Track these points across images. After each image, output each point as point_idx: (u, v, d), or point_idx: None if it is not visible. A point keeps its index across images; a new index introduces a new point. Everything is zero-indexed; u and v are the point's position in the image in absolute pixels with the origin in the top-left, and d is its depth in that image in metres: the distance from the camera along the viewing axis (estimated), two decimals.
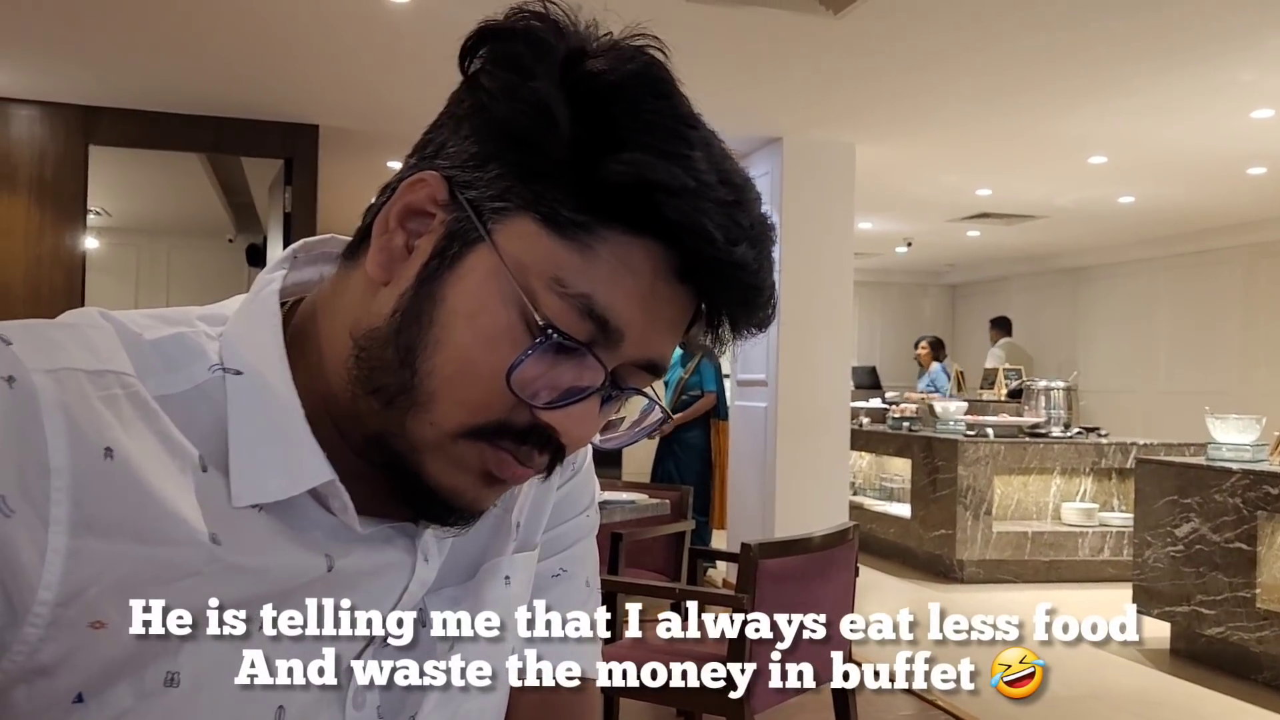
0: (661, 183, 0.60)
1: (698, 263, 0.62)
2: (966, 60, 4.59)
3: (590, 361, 0.62)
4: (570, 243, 0.61)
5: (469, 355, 0.61)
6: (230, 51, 4.64)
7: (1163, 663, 4.93)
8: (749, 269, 0.63)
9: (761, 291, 0.65)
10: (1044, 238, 9.81)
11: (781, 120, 5.68)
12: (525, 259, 0.61)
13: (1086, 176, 6.96)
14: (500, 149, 0.62)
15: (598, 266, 0.61)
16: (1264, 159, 6.31)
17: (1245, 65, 4.56)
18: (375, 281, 0.65)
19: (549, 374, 0.62)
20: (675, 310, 0.64)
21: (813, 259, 5.97)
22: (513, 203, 0.62)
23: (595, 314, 0.61)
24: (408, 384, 0.62)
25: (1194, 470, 4.92)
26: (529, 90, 0.61)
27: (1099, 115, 5.41)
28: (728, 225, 0.62)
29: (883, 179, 6.93)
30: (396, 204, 0.64)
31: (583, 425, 0.63)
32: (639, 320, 0.62)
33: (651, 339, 0.64)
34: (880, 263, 11.57)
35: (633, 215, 0.61)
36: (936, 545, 6.84)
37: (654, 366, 0.66)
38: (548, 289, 0.61)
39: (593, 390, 0.63)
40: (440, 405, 0.62)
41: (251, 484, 0.63)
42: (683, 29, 4.18)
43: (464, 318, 0.62)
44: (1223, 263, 9.29)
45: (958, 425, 7.19)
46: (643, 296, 0.62)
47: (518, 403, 0.62)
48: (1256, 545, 4.52)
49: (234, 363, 0.65)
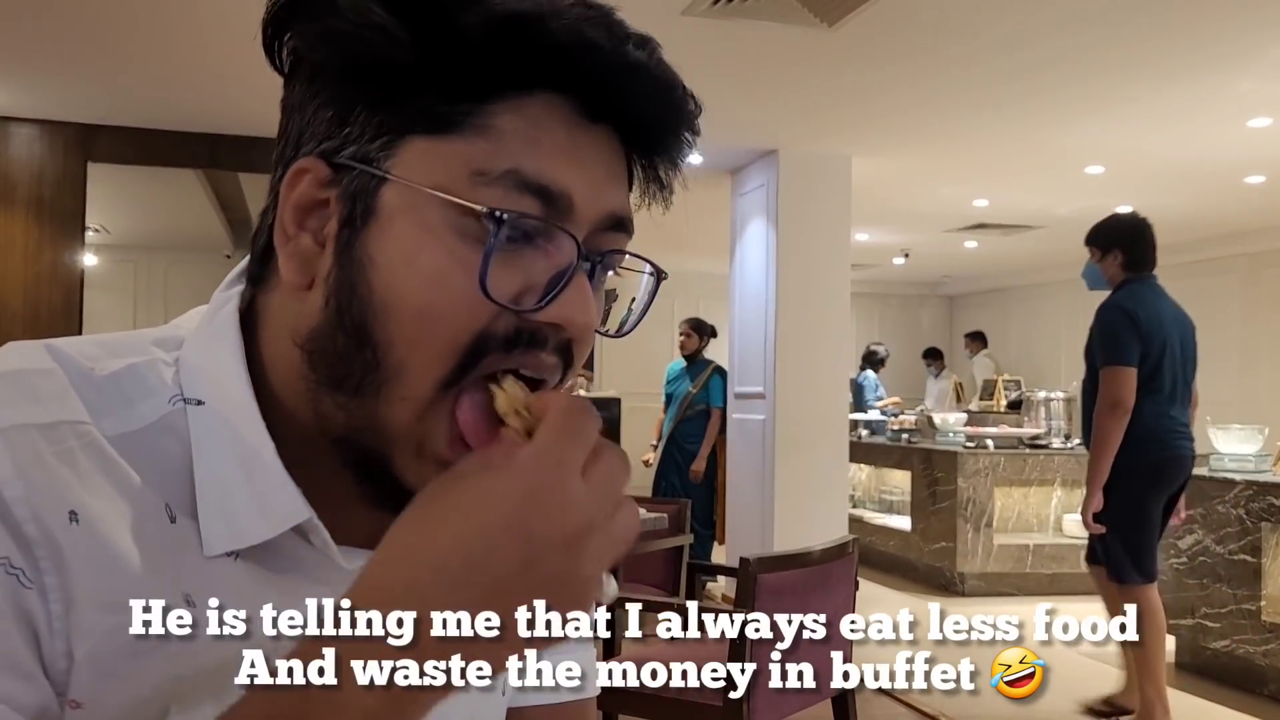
0: (518, 16, 0.56)
1: (597, 86, 0.58)
2: (962, 71, 4.59)
3: (556, 236, 0.58)
4: (468, 134, 0.57)
5: (427, 300, 0.56)
6: (227, 68, 4.64)
7: (1168, 676, 4.89)
8: (648, 66, 0.59)
9: (674, 87, 0.61)
10: (1042, 248, 9.81)
11: (777, 133, 5.68)
12: (434, 175, 0.57)
13: (1084, 186, 6.95)
14: (352, 94, 0.58)
15: (507, 140, 0.57)
16: (1262, 167, 6.31)
17: (1241, 74, 4.56)
18: (299, 287, 0.60)
19: (520, 271, 0.57)
20: (606, 155, 0.60)
21: (810, 271, 5.96)
22: (392, 133, 0.57)
23: (530, 184, 0.57)
24: (371, 363, 0.57)
25: (1197, 481, 4.88)
26: (340, 21, 0.57)
27: (1096, 125, 5.41)
28: (606, 33, 0.58)
29: (879, 190, 6.93)
30: (284, 209, 0.60)
31: (583, 309, 0.58)
32: (576, 175, 0.58)
33: (601, 191, 0.59)
34: (878, 274, 11.57)
35: (510, 70, 0.57)
36: (937, 558, 6.81)
37: (620, 222, 0.61)
38: (471, 187, 0.56)
39: (574, 266, 0.58)
40: (412, 370, 0.57)
41: (224, 529, 0.59)
42: (678, 43, 4.15)
43: (403, 266, 0.57)
44: (1221, 272, 9.28)
45: (957, 437, 7.17)
46: (567, 149, 0.58)
47: (498, 314, 0.57)
48: (1261, 557, 4.50)
49: (195, 391, 0.61)
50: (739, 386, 6.36)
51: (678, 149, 0.64)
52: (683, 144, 0.64)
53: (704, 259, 10.15)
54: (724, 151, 6.08)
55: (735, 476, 6.33)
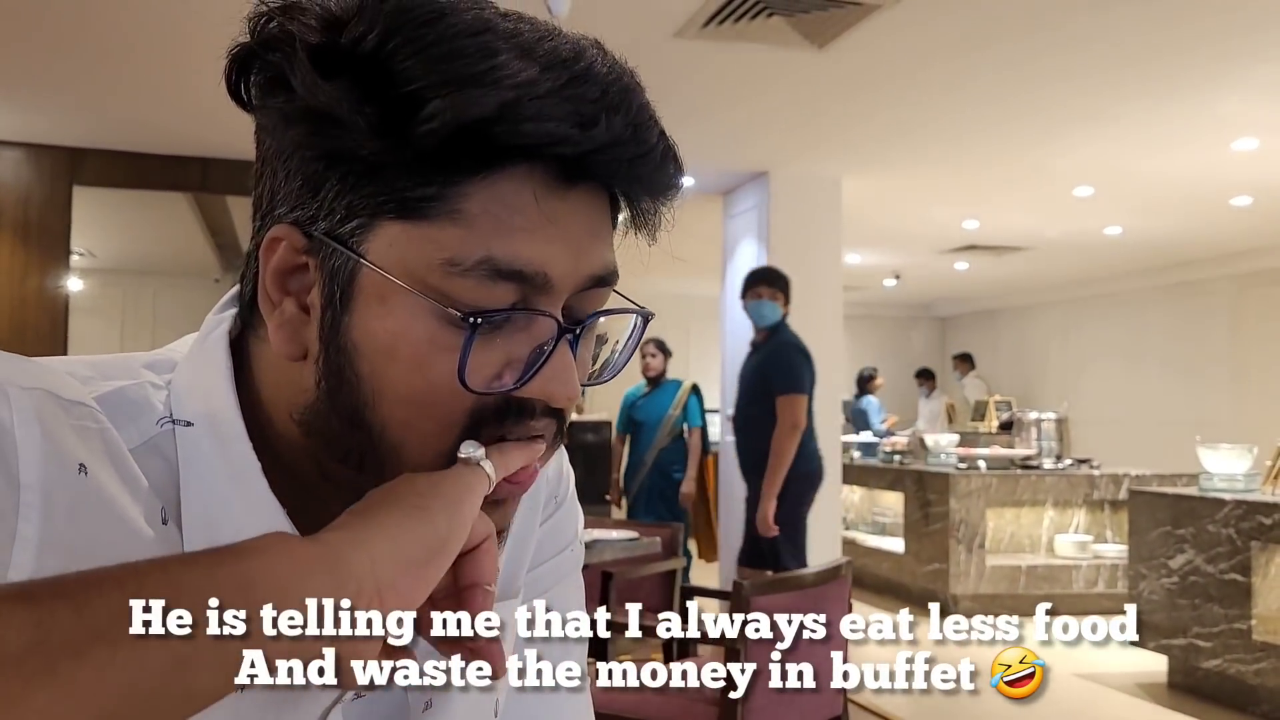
0: (480, 116, 0.55)
1: (569, 165, 0.57)
2: (950, 93, 4.61)
3: (534, 318, 0.58)
4: (438, 220, 0.56)
5: (412, 389, 0.57)
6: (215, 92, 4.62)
7: (1160, 696, 4.88)
8: (622, 139, 0.58)
9: (650, 157, 0.59)
10: (1032, 269, 9.85)
11: (768, 154, 5.70)
12: (407, 262, 0.57)
13: (1073, 208, 6.99)
14: (317, 171, 0.58)
15: (478, 226, 0.56)
16: (1248, 189, 6.35)
17: (1227, 96, 4.59)
18: (291, 358, 0.60)
19: (500, 351, 0.58)
20: (585, 215, 0.60)
21: (801, 292, 5.94)
22: (363, 215, 0.57)
23: (505, 271, 0.56)
24: (367, 445, 0.59)
25: (1187, 501, 4.90)
26: (301, 103, 0.56)
27: (1084, 147, 5.44)
28: (575, 111, 0.56)
29: (870, 212, 6.95)
30: (265, 275, 0.60)
31: (564, 384, 0.59)
32: (552, 251, 0.58)
33: (580, 258, 0.59)
34: (869, 296, 11.60)
35: (475, 158, 0.56)
36: (930, 580, 6.79)
37: (599, 279, 0.61)
38: (446, 277, 0.56)
39: (554, 342, 0.58)
40: (411, 448, 0.58)
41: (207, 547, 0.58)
42: (669, 65, 4.19)
43: (385, 355, 0.58)
44: (1210, 293, 9.33)
45: (949, 458, 7.16)
46: (539, 227, 0.57)
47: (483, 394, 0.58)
48: (1251, 576, 4.49)
49: (184, 413, 0.61)
50: (730, 409, 6.35)
51: (663, 194, 0.63)
52: (667, 189, 0.63)
53: (695, 281, 10.18)
54: (715, 173, 6.10)
55: (726, 499, 6.30)
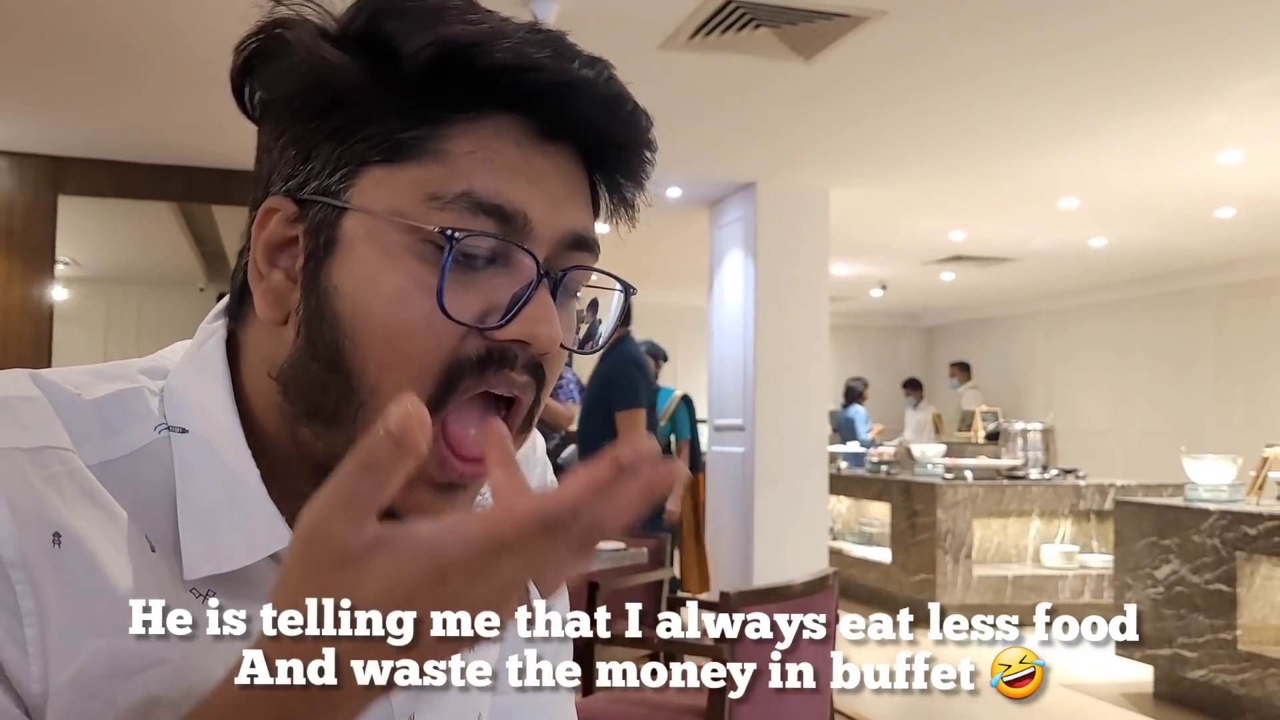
0: (458, 39, 0.57)
1: (545, 104, 0.59)
2: (936, 104, 4.63)
3: (514, 255, 0.59)
4: (423, 160, 0.58)
5: (390, 321, 0.58)
6: (200, 100, 4.62)
7: (1146, 706, 4.88)
8: (595, 83, 0.60)
9: (623, 102, 0.61)
10: (1018, 280, 9.89)
11: (755, 165, 5.71)
12: (391, 201, 0.58)
13: (1058, 219, 7.02)
14: (312, 130, 0.60)
15: (460, 163, 0.58)
16: (1232, 201, 6.39)
17: (1211, 109, 4.62)
18: (274, 323, 0.61)
19: (481, 291, 0.58)
20: (564, 174, 0.61)
21: (788, 303, 5.97)
22: (351, 165, 0.59)
23: (485, 205, 0.58)
24: (345, 389, 0.59)
25: (1172, 511, 4.91)
26: (299, 61, 0.59)
27: (1069, 158, 5.47)
28: (552, 53, 0.59)
29: (857, 223, 6.97)
30: (256, 248, 0.62)
31: (546, 323, 0.59)
32: (532, 193, 0.59)
33: (559, 209, 0.60)
34: (856, 306, 11.63)
35: (458, 95, 0.58)
36: (917, 590, 6.80)
37: (581, 240, 0.62)
38: (427, 211, 0.57)
39: (535, 282, 0.59)
40: (387, 391, 0.57)
41: (205, 553, 0.59)
42: (656, 76, 4.20)
43: (366, 290, 0.58)
44: (1195, 304, 9.38)
45: (936, 468, 7.18)
46: (521, 168, 0.59)
47: (465, 335, 0.58)
48: (1236, 586, 4.51)
49: (179, 420, 0.61)
50: (718, 419, 6.35)
51: (637, 165, 0.65)
52: (641, 160, 0.64)
53: (683, 291, 10.19)
54: (702, 184, 6.11)
55: (714, 510, 6.30)
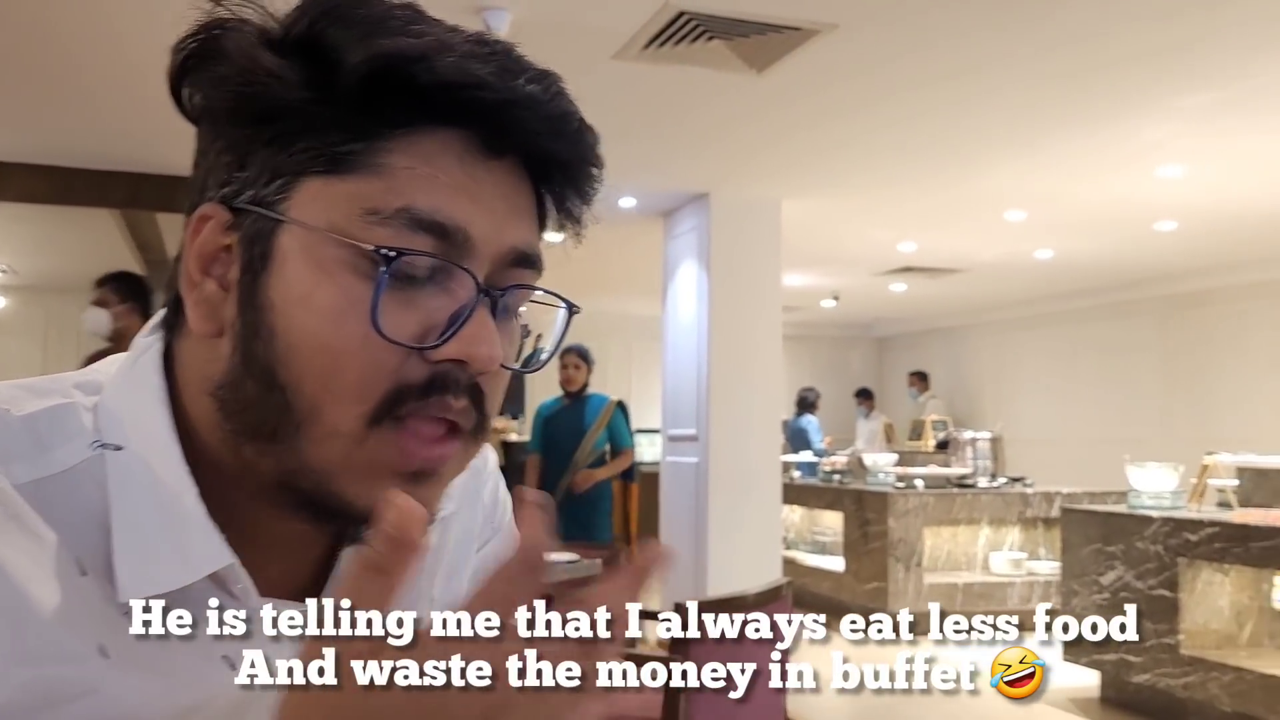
0: (400, 53, 0.56)
1: (488, 121, 0.58)
2: (887, 118, 4.68)
3: (453, 273, 0.57)
4: (362, 173, 0.57)
5: (326, 339, 0.56)
6: (143, 106, 4.56)
7: (1093, 711, 4.96)
8: (541, 99, 0.58)
9: (568, 119, 0.60)
10: (967, 291, 10.02)
11: (708, 176, 5.74)
12: (328, 215, 0.57)
13: (1005, 231, 7.12)
14: (248, 137, 0.58)
15: (400, 178, 0.57)
16: (1173, 214, 6.52)
17: (1151, 125, 4.72)
18: (208, 335, 0.60)
19: (420, 310, 0.57)
20: (507, 190, 0.60)
21: (742, 313, 6.00)
22: (287, 175, 0.58)
23: (424, 222, 0.56)
24: (283, 406, 0.57)
25: (1117, 519, 5.00)
26: (236, 67, 0.58)
27: (1015, 171, 5.55)
28: (495, 69, 0.57)
29: (809, 234, 7.03)
30: (188, 256, 0.60)
31: (485, 343, 0.57)
32: (473, 210, 0.58)
33: (501, 226, 0.59)
34: (808, 316, 11.71)
35: (398, 109, 0.57)
36: (870, 598, 6.85)
37: (524, 257, 0.61)
38: (365, 226, 0.56)
39: (473, 302, 0.58)
40: (328, 408, 0.56)
41: (140, 575, 0.56)
42: (609, 87, 4.21)
43: (300, 306, 0.57)
44: (1138, 314, 9.56)
45: (887, 477, 7.24)
46: (462, 185, 0.58)
47: (406, 356, 0.56)
48: (1179, 592, 4.59)
49: (114, 436, 0.59)
50: (672, 429, 6.36)
51: (584, 181, 0.64)
52: (587, 176, 0.63)
53: (637, 301, 10.20)
54: (656, 195, 6.12)
55: (668, 519, 6.31)
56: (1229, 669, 4.32)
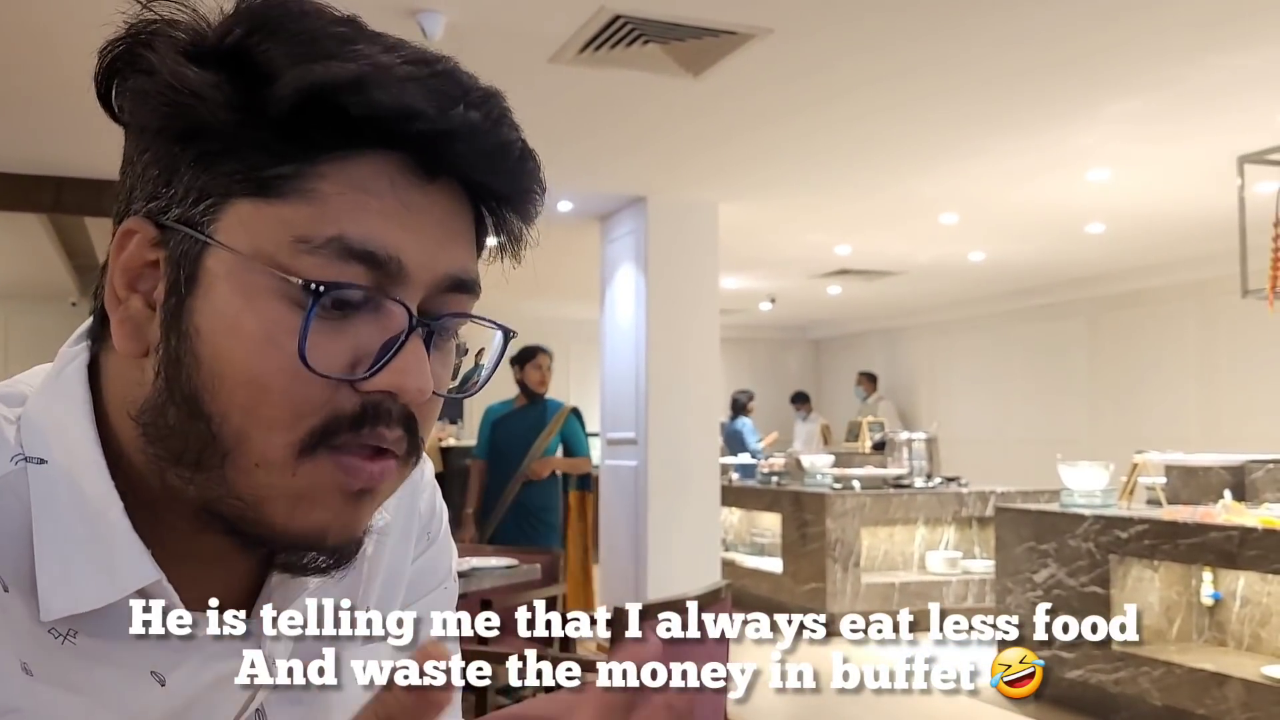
0: (332, 81, 0.54)
1: (425, 149, 0.56)
2: (822, 122, 4.72)
3: (385, 305, 0.56)
4: (291, 199, 0.55)
5: (252, 369, 0.54)
6: (72, 108, 4.44)
7: (1028, 707, 5.03)
8: (480, 129, 0.57)
9: (509, 149, 0.58)
10: (902, 293, 10.15)
11: (645, 180, 5.74)
12: (257, 241, 0.55)
13: (939, 234, 7.22)
14: (176, 154, 0.57)
15: (332, 205, 0.55)
16: (1102, 217, 6.66)
17: (1081, 130, 4.81)
18: (132, 354, 0.58)
19: (351, 341, 0.55)
20: (444, 215, 0.58)
21: (679, 316, 6.01)
22: (216, 196, 0.56)
23: (355, 251, 0.55)
24: (207, 436, 0.55)
25: (1049, 517, 5.08)
26: (161, 83, 0.56)
27: (949, 175, 5.63)
28: (433, 94, 0.55)
29: (746, 237, 7.06)
30: (114, 270, 0.58)
31: (415, 375, 0.56)
32: (407, 238, 0.56)
33: (436, 253, 0.57)
34: (745, 319, 11.78)
35: (329, 134, 0.55)
36: (808, 599, 6.89)
37: (461, 283, 0.59)
38: (294, 254, 0.54)
39: (406, 332, 0.56)
40: (255, 439, 0.55)
41: (64, 592, 0.55)
42: (545, 90, 4.19)
43: (226, 334, 0.55)
44: (1068, 315, 9.75)
45: (825, 479, 7.29)
46: (395, 213, 0.56)
47: (336, 388, 0.55)
48: (1110, 588, 4.68)
49: (37, 450, 0.57)
50: (610, 432, 6.35)
51: (524, 205, 0.62)
52: (528, 200, 0.62)
53: (575, 305, 10.17)
54: (593, 198, 6.11)
55: (608, 523, 6.29)
56: (1159, 664, 4.41)
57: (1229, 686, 4.12)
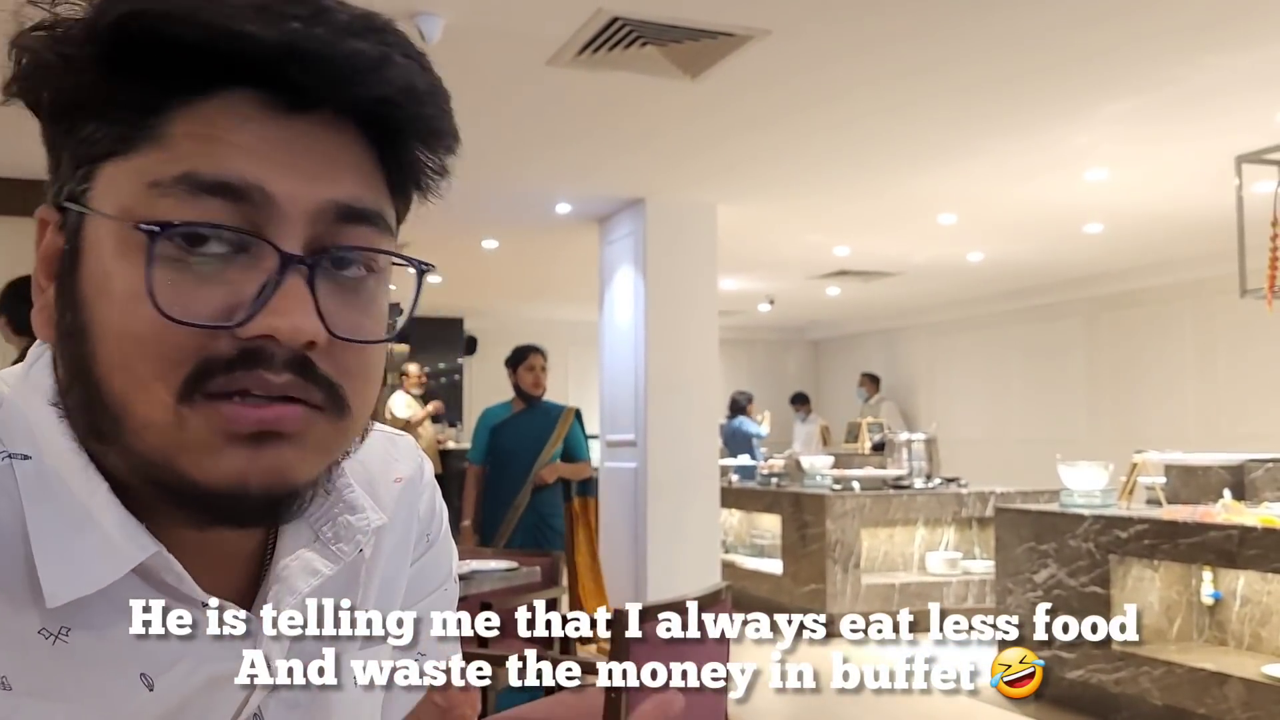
0: (152, 9, 0.52)
1: (274, 78, 0.53)
2: (820, 123, 4.72)
3: (256, 245, 0.53)
4: (145, 149, 0.54)
5: (123, 327, 0.53)
6: None
7: (1029, 707, 5.02)
8: (330, 44, 0.53)
9: (362, 57, 0.53)
10: (900, 294, 10.14)
11: (644, 182, 5.74)
12: (120, 199, 0.54)
13: (938, 235, 7.22)
14: (57, 133, 0.57)
15: (182, 146, 0.53)
16: (1100, 216, 6.66)
17: (1079, 130, 4.81)
18: (48, 341, 0.58)
19: (225, 286, 0.53)
20: (314, 144, 0.55)
21: (678, 318, 6.01)
22: (86, 164, 0.55)
23: (207, 184, 0.52)
24: (100, 405, 0.54)
25: (1049, 517, 5.08)
26: (33, 63, 0.55)
27: (947, 175, 5.63)
28: (263, 14, 0.52)
29: (744, 238, 7.06)
30: (36, 263, 0.59)
31: (286, 314, 0.53)
32: (269, 166, 0.53)
33: (313, 181, 0.54)
34: (744, 320, 11.78)
35: (175, 78, 0.53)
36: (808, 601, 6.89)
37: (355, 213, 0.56)
38: (150, 203, 0.53)
39: (278, 270, 0.53)
40: (135, 399, 0.53)
41: (67, 576, 0.54)
42: (544, 92, 4.18)
43: (102, 298, 0.54)
44: (1067, 315, 9.75)
45: (824, 480, 7.29)
46: (251, 145, 0.53)
47: (211, 336, 0.53)
48: (1110, 588, 4.68)
49: (20, 446, 0.57)
50: (610, 434, 6.34)
51: (411, 125, 0.57)
52: (414, 119, 0.57)
53: (574, 306, 10.17)
54: (591, 200, 6.11)
55: (608, 525, 6.29)
56: (1159, 663, 4.41)
57: (1229, 686, 4.12)
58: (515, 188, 5.83)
